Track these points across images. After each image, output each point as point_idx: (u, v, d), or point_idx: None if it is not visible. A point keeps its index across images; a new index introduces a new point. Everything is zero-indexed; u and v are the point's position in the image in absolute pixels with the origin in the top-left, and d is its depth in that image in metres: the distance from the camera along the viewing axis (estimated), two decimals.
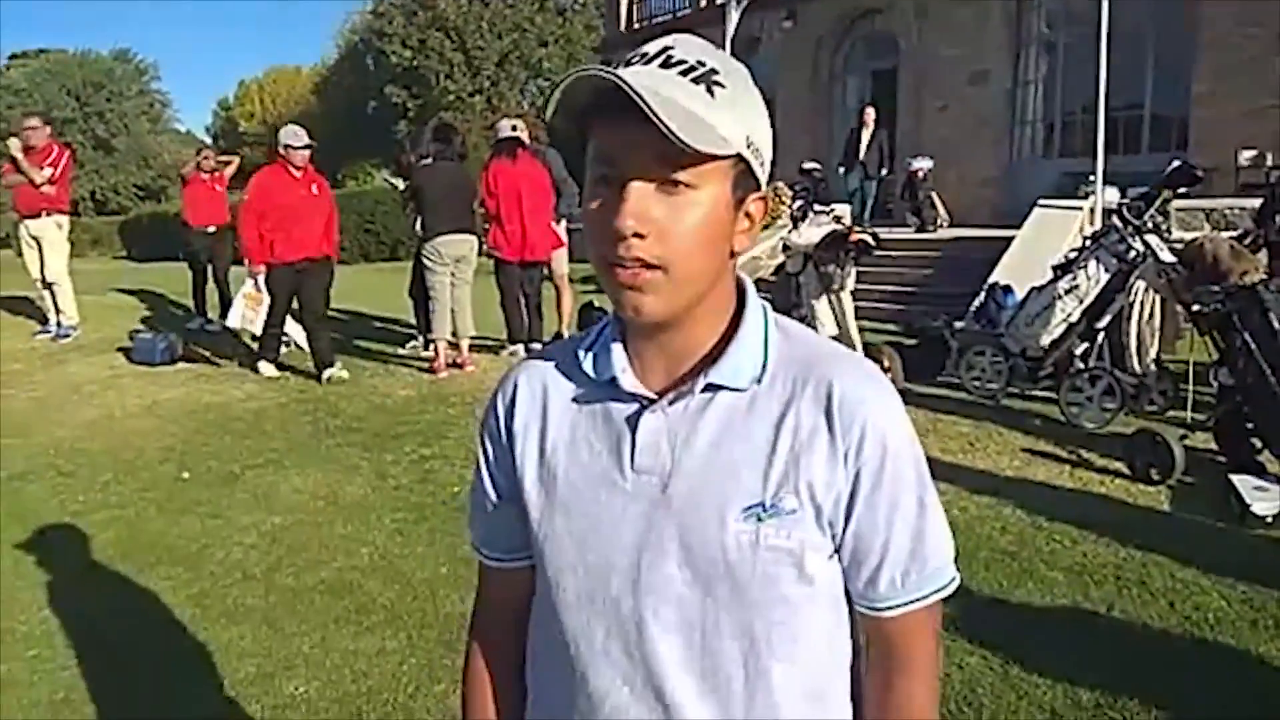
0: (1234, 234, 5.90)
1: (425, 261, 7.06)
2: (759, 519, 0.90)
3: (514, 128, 7.31)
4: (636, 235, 0.85)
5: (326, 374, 6.90)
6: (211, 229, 9.39)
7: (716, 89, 0.87)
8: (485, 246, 7.35)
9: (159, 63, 61.44)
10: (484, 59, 30.08)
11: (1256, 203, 7.23)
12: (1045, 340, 5.67)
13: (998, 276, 8.17)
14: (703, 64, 0.88)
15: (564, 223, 7.81)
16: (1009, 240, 9.38)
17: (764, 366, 0.94)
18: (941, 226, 11.91)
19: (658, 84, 0.84)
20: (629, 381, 0.95)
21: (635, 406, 0.95)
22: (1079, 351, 5.66)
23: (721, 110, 0.86)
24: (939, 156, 12.40)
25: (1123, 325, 5.83)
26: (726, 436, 0.92)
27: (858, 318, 7.89)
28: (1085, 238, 6.02)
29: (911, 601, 0.94)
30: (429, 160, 7.26)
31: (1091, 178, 8.99)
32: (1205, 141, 10.19)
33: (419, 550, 3.95)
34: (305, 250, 6.81)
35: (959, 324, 7.11)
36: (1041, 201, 9.98)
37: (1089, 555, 3.69)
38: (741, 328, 0.95)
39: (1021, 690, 2.77)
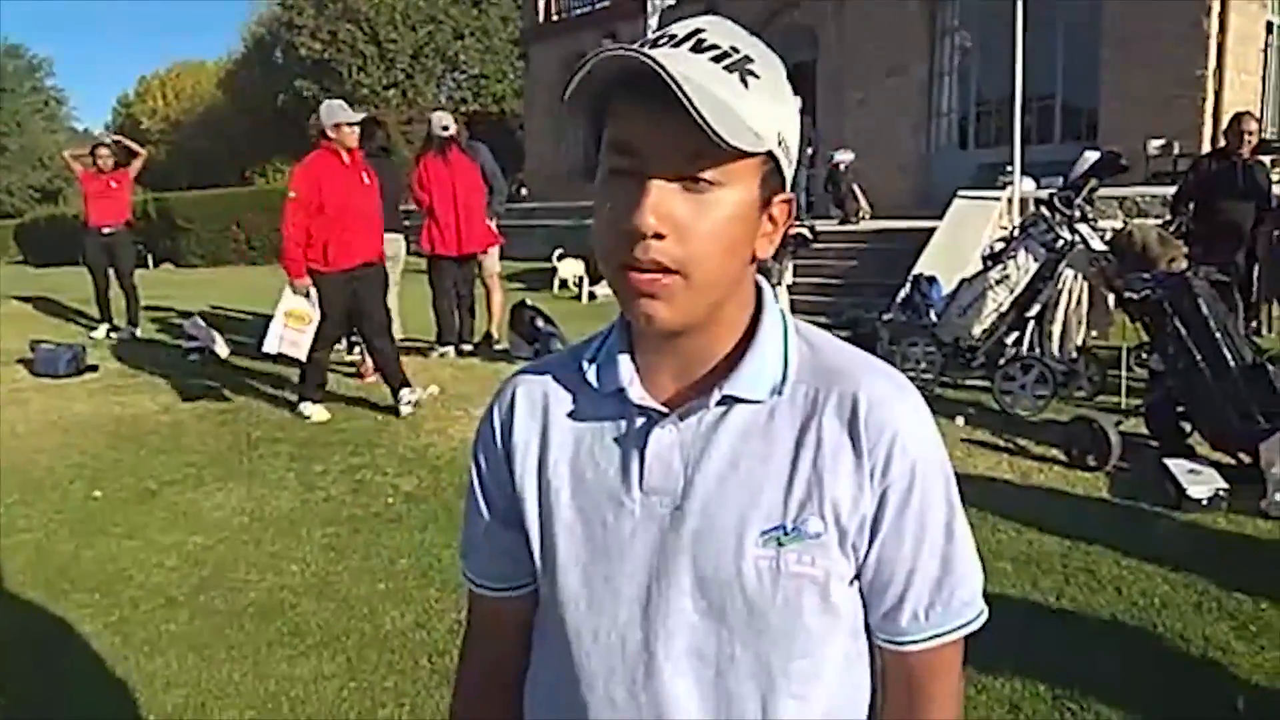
0: (1159, 222, 6.05)
1: None
2: (779, 543, 0.82)
3: (445, 126, 7.13)
4: (656, 235, 0.76)
5: (405, 399, 5.74)
6: (108, 230, 8.78)
7: (750, 79, 0.78)
8: (413, 245, 7.14)
9: (53, 58, 58.82)
10: (398, 52, 29.50)
11: (1168, 190, 7.46)
12: (977, 330, 5.74)
13: (922, 267, 8.28)
14: (736, 50, 0.79)
15: (495, 220, 7.67)
16: (931, 231, 9.51)
17: (784, 376, 0.86)
18: (864, 218, 12.06)
19: (691, 70, 0.75)
20: (637, 393, 0.86)
21: (644, 420, 0.86)
22: (1009, 340, 5.75)
23: (755, 102, 0.78)
24: (859, 148, 12.54)
25: (1049, 313, 5.94)
26: (744, 453, 0.84)
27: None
28: (1014, 228, 6.11)
29: (934, 636, 0.87)
30: None
31: (1009, 168, 9.18)
32: (1114, 131, 10.49)
33: (354, 566, 3.79)
34: (364, 254, 5.68)
35: (887, 315, 7.17)
36: (961, 193, 10.16)
37: (1035, 544, 3.72)
38: (759, 334, 0.86)
39: (979, 684, 2.76)
